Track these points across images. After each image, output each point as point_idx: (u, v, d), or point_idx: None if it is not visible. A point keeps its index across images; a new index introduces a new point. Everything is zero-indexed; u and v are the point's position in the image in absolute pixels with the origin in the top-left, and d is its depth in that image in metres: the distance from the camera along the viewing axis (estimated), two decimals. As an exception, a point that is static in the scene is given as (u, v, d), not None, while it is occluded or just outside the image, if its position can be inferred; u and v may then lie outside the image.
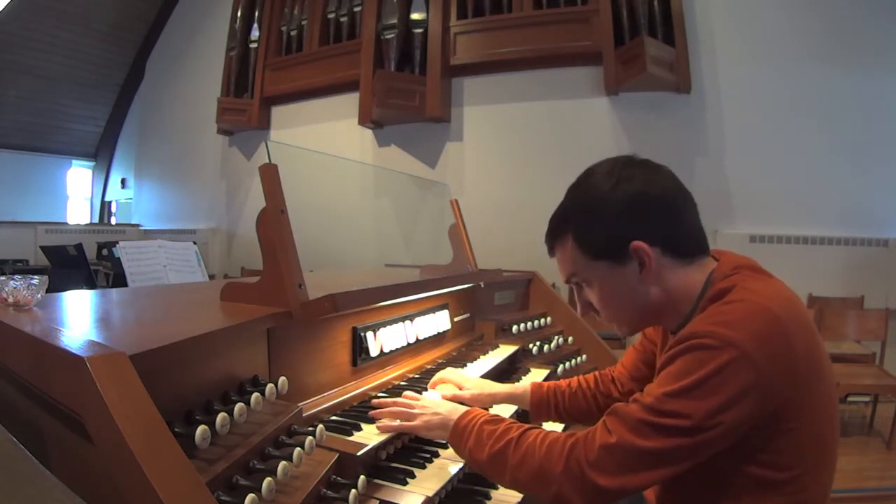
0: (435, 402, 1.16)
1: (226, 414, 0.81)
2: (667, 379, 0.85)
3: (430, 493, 1.00)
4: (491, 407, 1.38)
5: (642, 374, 1.29)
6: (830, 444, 0.91)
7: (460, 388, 1.36)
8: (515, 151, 5.04)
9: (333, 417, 1.17)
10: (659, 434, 0.82)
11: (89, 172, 9.03)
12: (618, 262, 0.96)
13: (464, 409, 1.10)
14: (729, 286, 0.91)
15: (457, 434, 1.04)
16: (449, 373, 1.42)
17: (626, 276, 0.96)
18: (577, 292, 1.07)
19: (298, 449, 0.88)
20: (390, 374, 1.45)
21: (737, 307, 0.87)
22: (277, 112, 6.33)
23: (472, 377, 1.42)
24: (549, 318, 2.37)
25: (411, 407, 1.15)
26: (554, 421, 1.39)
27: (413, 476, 1.06)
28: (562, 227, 1.01)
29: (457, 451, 1.06)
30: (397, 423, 1.13)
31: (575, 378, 1.40)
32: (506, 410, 1.42)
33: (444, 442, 1.17)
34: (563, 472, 0.87)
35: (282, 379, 1.01)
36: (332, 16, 5.77)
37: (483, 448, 0.97)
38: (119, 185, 8.63)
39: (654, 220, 0.94)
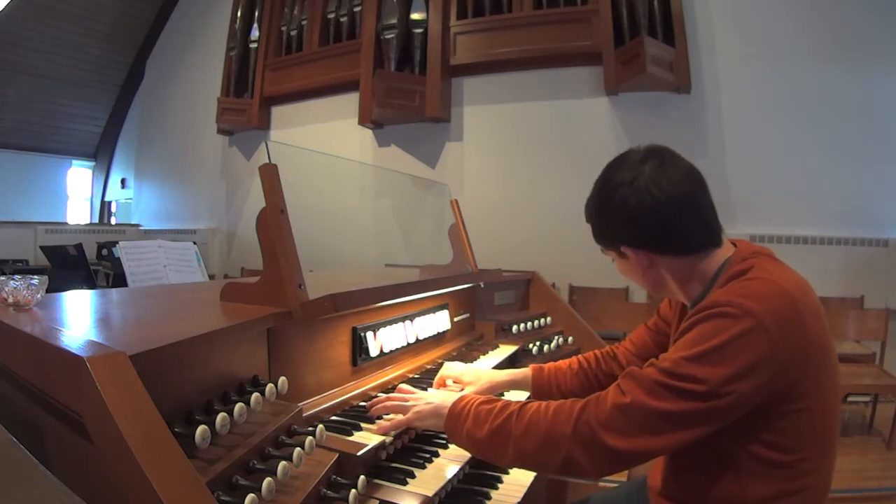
0: (428, 394, 1.16)
1: (226, 414, 0.81)
2: (685, 344, 0.86)
3: (430, 494, 1.00)
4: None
5: (650, 353, 1.29)
6: (833, 434, 0.92)
7: (461, 387, 1.36)
8: (515, 151, 5.03)
9: (333, 417, 1.17)
10: (673, 396, 0.83)
11: (89, 172, 9.02)
12: (622, 255, 1.04)
13: (457, 395, 1.10)
14: (748, 267, 0.94)
15: (452, 418, 1.03)
16: (447, 369, 1.42)
17: (633, 263, 1.04)
18: None
19: (298, 449, 0.88)
20: (390, 374, 1.45)
21: (757, 283, 0.89)
22: (277, 112, 6.32)
23: (469, 370, 1.42)
24: (549, 318, 2.37)
25: (405, 400, 1.15)
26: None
27: (413, 476, 1.05)
28: (585, 213, 1.08)
29: (452, 437, 1.05)
30: (391, 419, 1.13)
31: (574, 358, 1.41)
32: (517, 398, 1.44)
33: (444, 442, 1.17)
34: (572, 433, 0.87)
35: (282, 379, 1.01)
36: (332, 16, 5.77)
37: (482, 426, 0.97)
38: (119, 185, 8.63)
39: (647, 231, 0.98)
